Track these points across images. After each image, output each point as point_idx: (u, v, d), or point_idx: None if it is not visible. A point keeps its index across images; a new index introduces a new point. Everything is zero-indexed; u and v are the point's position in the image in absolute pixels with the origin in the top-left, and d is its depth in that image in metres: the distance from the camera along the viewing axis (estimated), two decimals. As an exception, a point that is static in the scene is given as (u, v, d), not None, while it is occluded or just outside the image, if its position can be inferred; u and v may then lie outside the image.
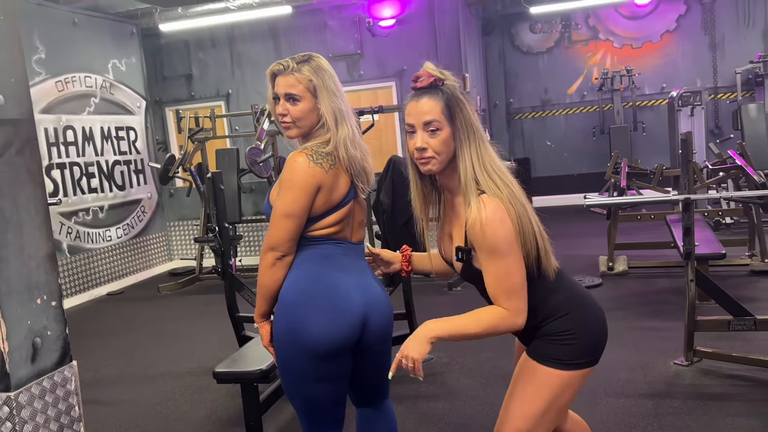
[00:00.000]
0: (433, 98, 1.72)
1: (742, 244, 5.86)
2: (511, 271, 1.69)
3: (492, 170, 1.72)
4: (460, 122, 1.72)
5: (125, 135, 7.71)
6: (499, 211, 1.67)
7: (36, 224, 2.71)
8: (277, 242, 1.95)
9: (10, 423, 2.53)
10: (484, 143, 1.74)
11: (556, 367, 1.79)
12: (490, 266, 1.70)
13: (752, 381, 3.41)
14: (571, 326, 1.80)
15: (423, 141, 1.74)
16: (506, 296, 1.70)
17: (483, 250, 1.70)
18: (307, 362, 1.94)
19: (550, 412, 1.82)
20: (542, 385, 1.81)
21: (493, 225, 1.66)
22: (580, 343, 1.80)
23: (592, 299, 1.90)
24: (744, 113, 7.36)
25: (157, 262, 8.17)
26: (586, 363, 1.81)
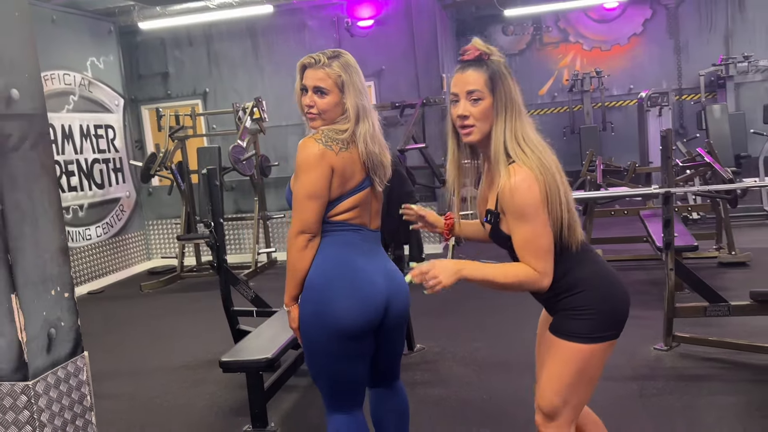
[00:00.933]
0: (477, 70, 1.83)
1: (710, 237, 6.14)
2: (538, 234, 1.79)
3: (524, 142, 1.82)
4: (500, 95, 1.82)
5: (104, 133, 7.67)
6: (527, 178, 1.76)
7: (50, 217, 2.76)
8: (305, 224, 2.06)
9: (28, 411, 2.58)
10: (521, 117, 1.85)
11: (576, 342, 1.87)
12: (518, 229, 1.81)
13: (728, 363, 3.63)
14: (590, 302, 1.88)
15: (465, 109, 1.84)
16: (534, 258, 1.81)
17: (512, 214, 1.81)
18: (334, 343, 2.05)
19: (579, 385, 1.91)
20: (566, 360, 1.90)
21: (521, 191, 1.76)
22: (599, 318, 1.88)
23: (615, 275, 1.99)
24: (709, 114, 7.69)
25: (136, 261, 8.14)
26: (606, 336, 1.89)
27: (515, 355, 4.05)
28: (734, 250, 5.73)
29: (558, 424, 1.94)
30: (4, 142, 2.54)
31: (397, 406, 2.38)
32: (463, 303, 5.35)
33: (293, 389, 3.79)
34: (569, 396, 1.92)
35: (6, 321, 2.55)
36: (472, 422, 3.20)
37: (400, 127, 7.25)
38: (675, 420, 3.04)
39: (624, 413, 3.13)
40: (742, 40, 9.77)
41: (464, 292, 5.72)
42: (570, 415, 1.95)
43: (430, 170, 6.36)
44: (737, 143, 8.36)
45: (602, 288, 1.91)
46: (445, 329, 4.63)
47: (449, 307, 5.21)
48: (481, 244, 2.30)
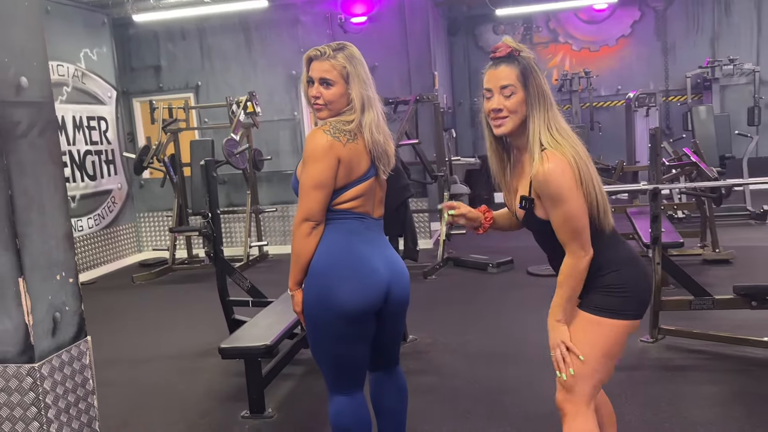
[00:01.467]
0: (509, 66, 1.93)
1: (694, 236, 6.28)
2: (574, 214, 1.88)
3: (557, 132, 1.91)
4: (532, 88, 1.91)
5: (96, 125, 7.68)
6: (561, 163, 1.86)
7: (56, 204, 2.82)
8: (310, 212, 2.14)
9: (33, 393, 2.64)
10: (553, 109, 1.94)
11: (608, 317, 1.96)
12: (555, 212, 1.90)
13: (711, 354, 3.76)
14: (623, 281, 1.97)
15: (499, 103, 1.93)
16: (572, 237, 1.91)
17: (547, 198, 1.90)
18: (337, 325, 2.14)
19: (605, 359, 1.99)
20: (597, 332, 1.98)
21: (555, 174, 1.85)
22: (631, 297, 1.97)
23: (642, 260, 2.09)
24: (695, 115, 7.85)
25: (127, 253, 8.16)
26: (634, 315, 1.99)
27: (505, 347, 4.15)
28: (718, 248, 5.87)
29: (578, 400, 2.02)
30: (12, 129, 2.59)
31: (396, 390, 2.47)
32: (455, 296, 5.45)
33: (289, 377, 3.87)
34: (592, 370, 1.99)
35: (13, 305, 2.60)
36: (462, 409, 3.30)
37: (393, 123, 7.33)
38: (660, 407, 3.15)
39: (612, 401, 3.23)
40: (728, 44, 9.96)
41: (451, 285, 5.83)
42: (590, 391, 2.02)
43: (422, 166, 6.44)
44: (722, 144, 8.52)
45: (633, 269, 2.00)
46: (437, 321, 4.72)
47: (441, 300, 5.31)
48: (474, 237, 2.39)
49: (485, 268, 6.17)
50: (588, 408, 2.04)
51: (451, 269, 6.41)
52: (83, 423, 2.89)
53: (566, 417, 2.07)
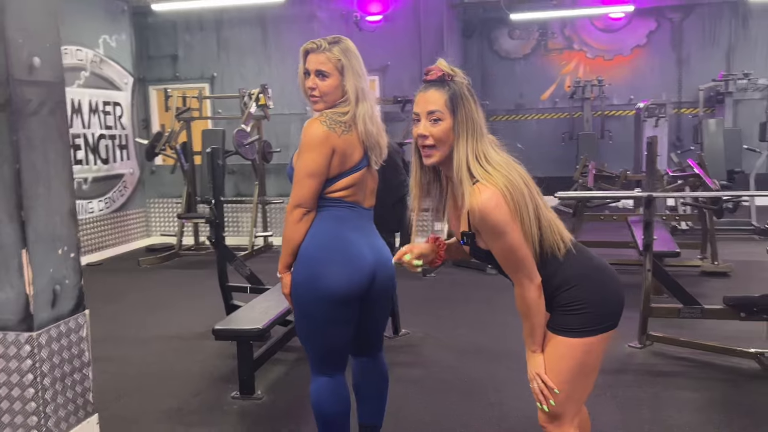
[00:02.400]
0: (439, 91, 1.86)
1: (695, 247, 6.31)
2: (514, 247, 1.83)
3: (486, 162, 1.84)
4: (461, 116, 1.84)
5: (112, 110, 7.83)
6: (493, 197, 1.78)
7: (62, 181, 2.94)
8: (302, 199, 2.23)
9: (30, 360, 2.75)
10: (482, 139, 1.87)
11: (570, 336, 1.91)
12: (494, 246, 1.86)
13: (697, 363, 3.80)
14: (581, 296, 1.91)
15: (426, 129, 1.87)
16: (515, 268, 1.87)
17: (485, 232, 1.85)
18: (322, 307, 2.23)
19: (578, 379, 1.95)
20: (563, 354, 1.93)
21: (488, 209, 1.78)
22: (591, 313, 1.91)
23: (607, 269, 2.01)
24: (704, 128, 7.86)
25: (135, 237, 8.30)
26: (600, 329, 1.92)
27: (494, 343, 4.22)
28: (717, 261, 5.90)
29: (562, 421, 1.98)
30: (24, 107, 2.71)
31: (377, 376, 2.55)
32: (451, 295, 5.53)
33: (281, 362, 3.96)
34: (571, 391, 1.96)
35: (16, 275, 2.72)
36: (447, 400, 3.38)
37: (401, 122, 7.41)
38: (641, 410, 3.21)
39: (593, 402, 3.28)
40: (744, 58, 9.94)
41: (449, 283, 5.91)
42: (573, 410, 1.99)
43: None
44: (732, 159, 8.51)
45: (593, 282, 1.95)
46: (431, 317, 4.80)
47: (437, 298, 5.39)
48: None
49: (484, 269, 6.22)
50: (571, 426, 2.01)
51: (451, 269, 6.47)
52: (77, 393, 3.00)
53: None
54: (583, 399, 2.03)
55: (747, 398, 3.30)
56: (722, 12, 10.01)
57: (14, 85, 2.66)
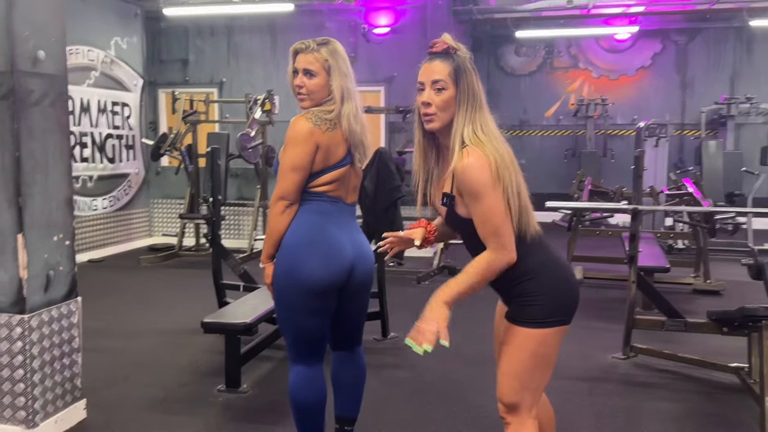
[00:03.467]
0: (444, 62, 1.96)
1: (690, 265, 6.35)
2: (493, 211, 1.88)
3: (482, 131, 1.93)
4: (463, 87, 1.94)
5: (120, 110, 7.98)
6: (480, 159, 1.87)
7: (60, 170, 3.05)
8: (285, 192, 2.32)
9: (21, 342, 2.85)
10: (482, 110, 1.96)
11: (528, 326, 1.98)
12: (475, 209, 1.91)
13: (678, 375, 3.85)
14: (539, 288, 1.98)
15: (429, 97, 1.96)
16: (492, 235, 1.90)
17: (467, 194, 1.91)
18: (301, 298, 2.31)
19: (536, 369, 2.01)
20: (521, 344, 2.00)
21: (473, 170, 1.86)
22: (548, 304, 1.98)
23: (565, 266, 2.08)
24: (704, 149, 7.93)
25: (138, 236, 8.42)
26: (554, 322, 1.99)
27: (480, 352, 4.26)
28: (709, 279, 5.94)
29: (520, 410, 2.04)
30: (26, 97, 2.83)
31: (356, 369, 2.63)
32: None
33: (269, 359, 4.04)
34: (527, 381, 2.02)
35: (10, 258, 2.83)
36: (427, 400, 3.45)
37: (403, 132, 7.53)
38: (616, 417, 3.26)
39: (570, 408, 3.36)
40: (747, 82, 10.01)
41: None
42: (529, 400, 2.04)
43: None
44: (732, 181, 8.57)
45: (551, 276, 2.02)
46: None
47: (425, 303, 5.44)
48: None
49: (478, 279, 6.29)
50: (529, 416, 2.07)
51: (446, 277, 6.49)
52: (66, 377, 3.09)
53: (509, 427, 2.09)
54: (540, 390, 2.08)
55: (723, 411, 3.34)
56: (727, 37, 10.10)
57: (18, 76, 2.78)
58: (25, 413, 2.86)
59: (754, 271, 3.04)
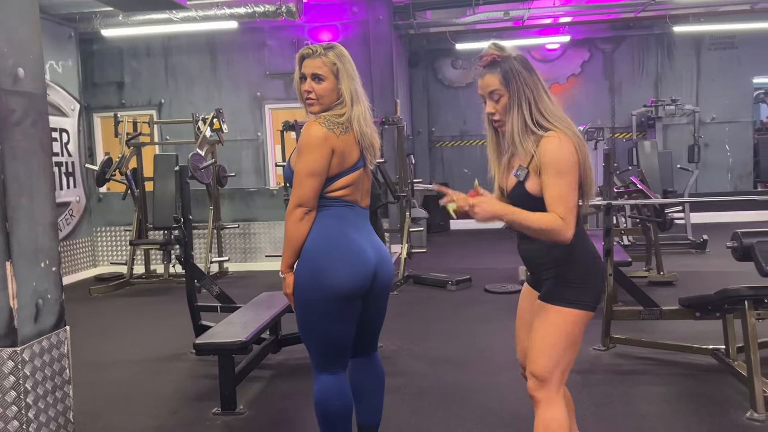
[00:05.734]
0: (492, 73, 2.11)
1: (640, 259, 6.64)
2: (571, 188, 2.03)
3: (552, 117, 2.07)
4: (513, 88, 2.08)
5: (58, 137, 7.63)
6: (565, 140, 2.02)
7: (44, 192, 2.90)
8: (303, 199, 2.29)
9: (14, 377, 2.68)
10: (541, 100, 2.08)
11: (566, 306, 2.11)
12: (552, 183, 2.02)
13: (659, 361, 4.02)
14: (580, 271, 2.12)
15: (492, 107, 2.14)
16: (565, 211, 2.03)
17: (549, 169, 2.02)
18: (327, 304, 2.28)
19: (567, 348, 2.13)
20: (557, 322, 2.12)
21: (561, 148, 2.01)
22: (587, 289, 2.12)
23: (599, 255, 2.26)
24: (640, 149, 8.33)
25: (82, 267, 8.04)
26: (590, 305, 2.13)
27: (466, 354, 4.33)
28: (662, 271, 6.24)
29: (549, 387, 2.14)
30: (8, 117, 2.68)
31: (375, 375, 2.61)
32: (416, 310, 5.62)
33: (258, 379, 3.93)
34: (559, 358, 2.13)
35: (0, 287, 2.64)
36: (427, 405, 3.45)
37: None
38: (614, 404, 3.37)
39: (569, 399, 3.44)
40: (670, 85, 10.63)
41: (413, 300, 6.01)
42: (559, 378, 2.15)
43: (386, 186, 6.64)
44: (664, 179, 9.02)
45: (589, 262, 2.16)
46: (402, 331, 4.86)
47: (404, 313, 5.46)
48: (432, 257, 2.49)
49: (444, 285, 6.37)
50: (558, 395, 2.16)
51: (412, 286, 6.59)
52: (59, 411, 2.92)
53: (539, 404, 2.18)
54: (567, 370, 2.18)
55: (709, 389, 3.51)
56: (649, 43, 10.71)
57: (0, 95, 2.63)
58: (21, 453, 2.67)
59: (739, 253, 3.21)
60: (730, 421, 3.11)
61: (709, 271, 6.69)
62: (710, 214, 9.57)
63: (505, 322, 4.88)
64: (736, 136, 10.64)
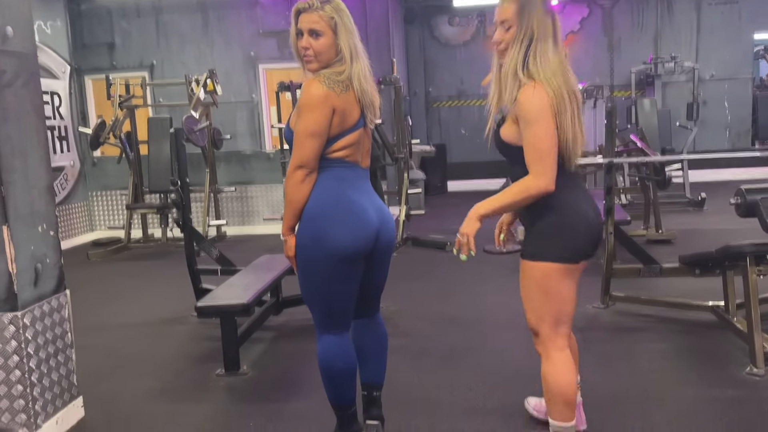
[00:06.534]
0: (510, 2, 2.13)
1: (638, 218, 6.63)
2: (541, 137, 2.04)
3: (540, 62, 2.08)
4: (524, 23, 2.09)
5: (50, 100, 7.50)
6: (539, 89, 2.04)
7: (38, 155, 2.85)
8: (304, 160, 2.23)
9: (15, 341, 2.67)
10: (545, 42, 2.09)
11: (528, 259, 2.18)
12: (526, 133, 2.07)
13: (659, 318, 4.03)
14: (552, 224, 2.13)
15: (500, 35, 2.16)
16: (535, 160, 2.06)
17: (521, 118, 2.07)
18: (330, 265, 2.25)
19: (546, 301, 2.16)
20: (526, 275, 2.20)
21: (531, 97, 2.04)
22: (556, 241, 2.13)
23: (586, 211, 2.19)
24: (639, 107, 8.26)
25: (79, 232, 8.00)
26: (556, 258, 2.13)
27: (466, 313, 4.35)
28: (661, 229, 6.24)
29: (542, 340, 2.23)
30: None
31: (377, 336, 2.60)
32: (416, 271, 5.63)
33: (260, 341, 3.94)
34: (541, 312, 2.19)
35: (-4, 252, 2.61)
36: (430, 365, 3.47)
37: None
38: (614, 361, 3.39)
39: (569, 357, 3.46)
40: (670, 42, 10.49)
41: (412, 261, 6.01)
42: (549, 331, 2.20)
43: (383, 148, 6.57)
44: (663, 137, 8.96)
45: (571, 215, 2.14)
46: (401, 292, 4.85)
47: (403, 275, 5.45)
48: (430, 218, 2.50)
49: (443, 247, 6.36)
50: (554, 348, 2.21)
51: (410, 248, 6.58)
52: (62, 375, 2.93)
53: (541, 359, 2.25)
54: (558, 323, 2.20)
55: (710, 346, 3.53)
56: (648, -2, 10.53)
57: (-11, 54, 2.55)
58: (26, 416, 2.68)
59: (742, 209, 3.19)
60: (730, 376, 3.13)
61: (706, 229, 6.69)
62: (708, 171, 9.56)
63: (504, 282, 4.89)
64: (735, 94, 10.55)
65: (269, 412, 2.98)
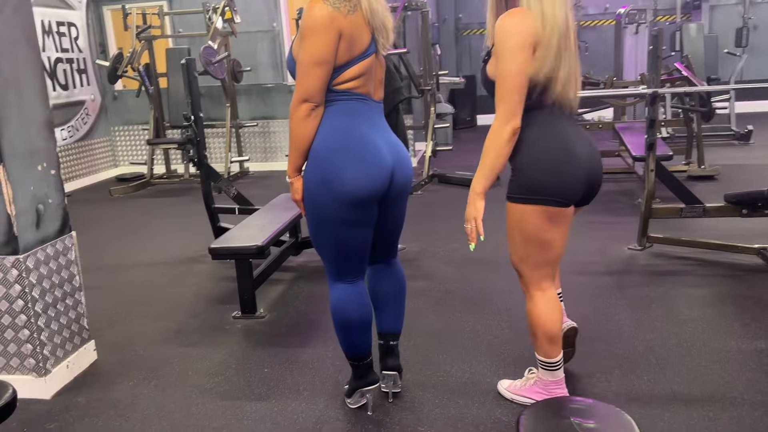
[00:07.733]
0: None
1: (680, 153, 6.27)
2: (506, 74, 1.91)
3: None
4: None
5: (66, 31, 7.29)
6: (517, 17, 1.89)
7: (34, 88, 2.67)
8: (309, 92, 2.00)
9: (19, 285, 2.55)
10: None
11: (508, 200, 2.09)
12: (497, 67, 1.95)
13: (700, 261, 3.79)
14: (524, 162, 2.01)
15: None
16: (500, 99, 1.94)
17: (495, 52, 1.95)
18: (341, 210, 2.05)
19: (526, 244, 2.09)
20: (508, 217, 2.12)
21: (504, 27, 1.89)
22: (525, 180, 2.02)
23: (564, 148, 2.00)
24: (685, 33, 7.70)
25: (102, 168, 7.94)
26: (533, 200, 2.01)
27: (489, 255, 4.09)
28: (704, 164, 5.89)
29: (523, 281, 2.21)
30: (-17, 3, 2.40)
31: (395, 282, 2.42)
32: (441, 211, 5.43)
33: (279, 282, 3.83)
34: (522, 254, 2.14)
35: (-7, 193, 2.47)
36: (453, 308, 3.31)
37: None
38: (651, 308, 3.18)
39: (604, 303, 3.26)
40: (720, -39, 9.73)
41: (437, 200, 5.80)
42: (530, 273, 2.15)
43: (409, 79, 6.26)
44: (709, 66, 8.41)
45: (540, 151, 2.00)
46: (425, 233, 4.69)
47: (427, 214, 5.27)
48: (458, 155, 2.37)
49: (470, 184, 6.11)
50: (535, 290, 2.17)
51: (437, 186, 6.36)
52: (71, 319, 2.83)
53: (526, 299, 2.23)
54: (539, 267, 2.14)
55: (754, 292, 3.29)
56: None
57: (-29, -23, 2.34)
58: (35, 361, 2.61)
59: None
60: (778, 325, 2.91)
61: (753, 164, 6.32)
62: (755, 103, 9.02)
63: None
64: (790, 18, 9.82)
65: (285, 358, 2.87)
